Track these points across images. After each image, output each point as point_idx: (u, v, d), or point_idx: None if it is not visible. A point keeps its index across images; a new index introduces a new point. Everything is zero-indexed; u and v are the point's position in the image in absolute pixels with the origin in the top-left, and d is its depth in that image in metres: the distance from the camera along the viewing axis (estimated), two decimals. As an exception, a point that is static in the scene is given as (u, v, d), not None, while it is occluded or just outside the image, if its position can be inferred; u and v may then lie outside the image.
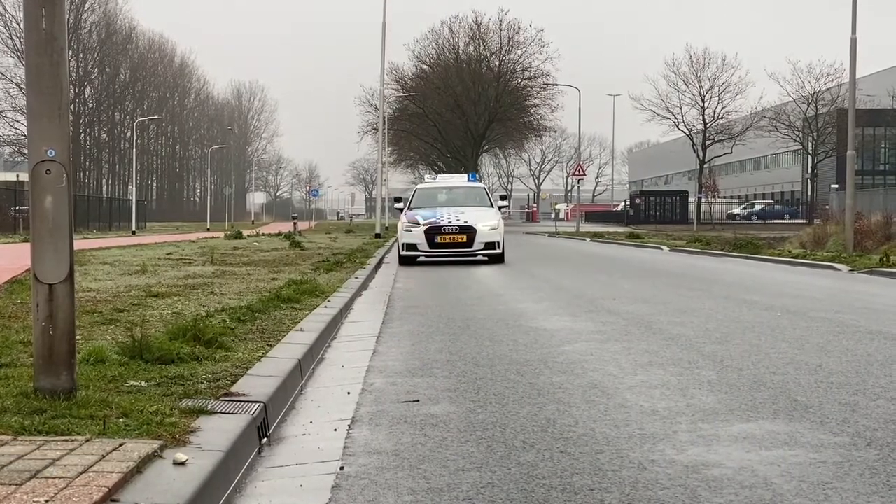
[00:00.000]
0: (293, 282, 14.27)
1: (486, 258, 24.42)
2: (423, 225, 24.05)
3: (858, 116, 32.48)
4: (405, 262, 24.29)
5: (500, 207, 26.64)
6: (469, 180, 29.68)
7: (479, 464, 4.82)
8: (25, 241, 39.57)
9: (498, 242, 24.08)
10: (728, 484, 4.40)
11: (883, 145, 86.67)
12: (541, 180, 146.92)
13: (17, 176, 70.78)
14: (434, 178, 31.18)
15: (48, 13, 5.48)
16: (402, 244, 24.47)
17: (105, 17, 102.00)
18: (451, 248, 23.97)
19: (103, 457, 4.21)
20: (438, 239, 23.81)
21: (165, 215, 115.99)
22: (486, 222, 24.27)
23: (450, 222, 24.00)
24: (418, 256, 24.34)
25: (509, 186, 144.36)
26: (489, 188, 29.77)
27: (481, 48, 77.65)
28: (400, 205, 27.98)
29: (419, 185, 29.58)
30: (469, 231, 23.85)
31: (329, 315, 10.67)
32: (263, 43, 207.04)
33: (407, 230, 24.32)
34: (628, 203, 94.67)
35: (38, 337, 5.45)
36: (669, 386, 6.89)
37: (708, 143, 79.74)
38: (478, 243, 23.85)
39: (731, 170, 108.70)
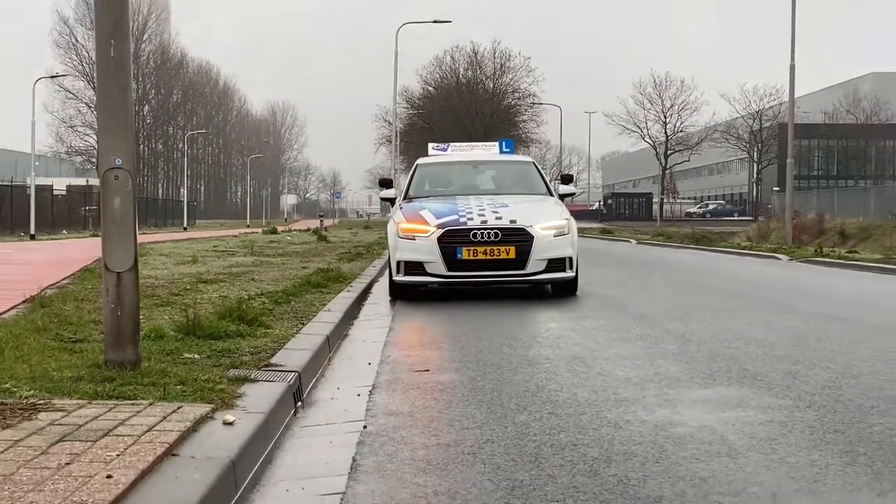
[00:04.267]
0: (321, 270, 14.26)
1: (547, 285, 12.01)
2: (435, 227, 11.36)
3: (796, 130, 32.43)
4: (401, 293, 11.71)
5: (562, 197, 13.61)
6: (503, 151, 15.08)
7: (481, 423, 4.82)
8: (94, 235, 39.57)
9: (570, 258, 11.60)
10: (690, 440, 4.40)
11: (816, 154, 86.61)
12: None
13: (87, 181, 70.75)
14: (444, 150, 15.24)
15: (116, 44, 5.47)
16: (398, 262, 11.51)
17: (160, 46, 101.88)
18: (486, 268, 11.26)
19: (164, 418, 4.22)
20: (464, 253, 11.16)
21: (211, 214, 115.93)
22: (548, 222, 11.61)
23: (484, 222, 11.33)
24: (427, 284, 11.57)
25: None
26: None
27: (478, 73, 77.49)
28: (389, 193, 13.79)
29: (422, 161, 14.56)
30: (519, 237, 11.28)
31: (352, 298, 10.65)
32: (296, 69, 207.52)
33: (405, 238, 11.52)
34: (602, 203, 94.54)
35: (107, 317, 5.45)
36: (639, 357, 6.87)
37: (669, 152, 79.69)
38: (535, 260, 11.26)
39: (688, 175, 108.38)
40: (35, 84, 45.48)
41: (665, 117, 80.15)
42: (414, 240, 11.41)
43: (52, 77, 63.52)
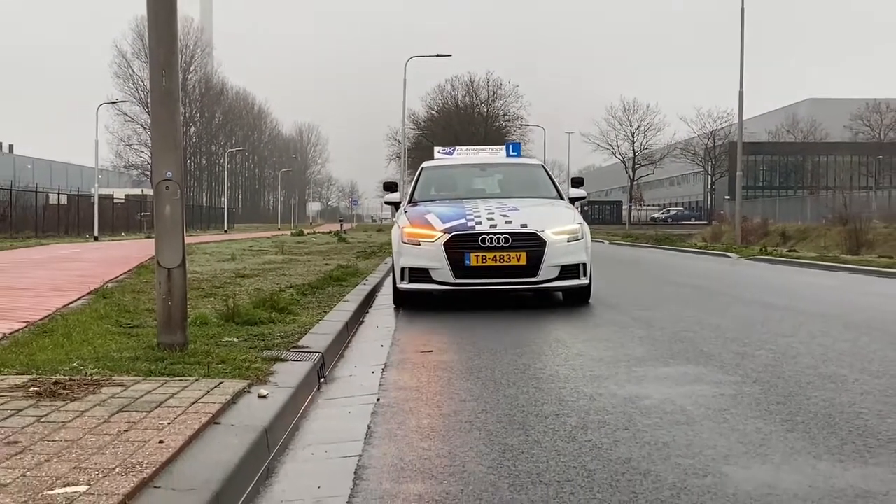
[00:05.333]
0: (341, 266, 14.26)
1: (558, 293, 10.18)
2: (442, 231, 9.20)
3: (744, 147, 32.42)
4: (405, 300, 9.61)
5: (573, 200, 11.14)
6: (510, 154, 12.24)
7: (477, 396, 4.81)
8: (148, 237, 39.56)
9: (584, 265, 9.51)
10: (655, 410, 4.39)
11: (761, 168, 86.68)
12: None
13: (142, 190, 70.73)
14: (450, 153, 12.66)
15: (167, 75, 5.47)
16: (402, 268, 9.41)
17: (205, 76, 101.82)
18: (495, 275, 9.08)
19: (208, 392, 4.21)
20: (472, 259, 9.03)
21: (248, 219, 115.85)
22: (560, 227, 9.43)
23: (493, 226, 9.15)
24: (432, 291, 9.35)
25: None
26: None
27: (474, 99, 77.49)
28: (394, 196, 11.32)
29: (428, 164, 11.98)
30: (531, 243, 9.12)
31: (367, 290, 10.63)
32: (319, 95, 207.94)
33: (409, 243, 9.36)
34: (579, 210, 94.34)
35: (159, 306, 5.45)
36: (611, 340, 6.87)
37: (636, 166, 79.62)
38: (547, 267, 9.13)
39: (653, 185, 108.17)
40: (98, 109, 45.41)
41: (633, 136, 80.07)
42: (419, 245, 9.24)
43: (113, 103, 63.47)
